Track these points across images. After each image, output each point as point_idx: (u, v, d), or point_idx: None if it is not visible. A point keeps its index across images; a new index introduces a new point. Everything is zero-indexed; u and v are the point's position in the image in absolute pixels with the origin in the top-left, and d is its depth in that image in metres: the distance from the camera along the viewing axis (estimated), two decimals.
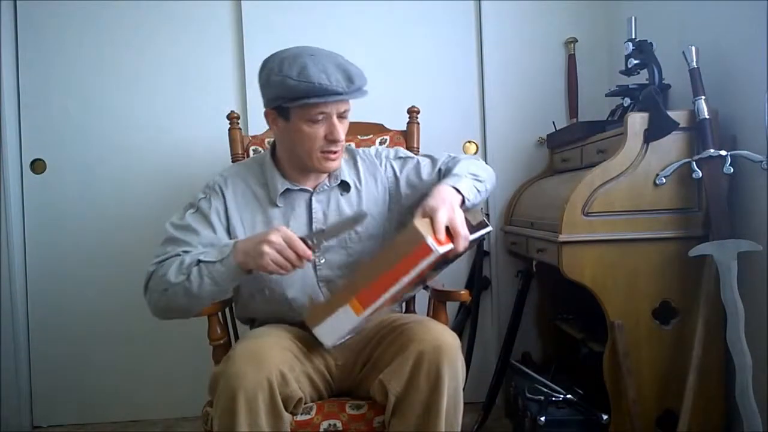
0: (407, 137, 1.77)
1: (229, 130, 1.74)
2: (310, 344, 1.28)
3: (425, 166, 1.38)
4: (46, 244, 2.16)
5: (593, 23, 2.17)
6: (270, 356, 1.09)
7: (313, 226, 1.29)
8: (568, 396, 1.65)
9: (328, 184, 1.32)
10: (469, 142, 2.20)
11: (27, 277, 2.16)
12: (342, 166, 1.33)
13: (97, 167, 2.16)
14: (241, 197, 1.31)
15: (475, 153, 2.20)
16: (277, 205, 1.30)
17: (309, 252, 1.12)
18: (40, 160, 2.16)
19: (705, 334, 1.45)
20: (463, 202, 1.19)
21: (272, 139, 1.75)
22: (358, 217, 1.20)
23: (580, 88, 2.14)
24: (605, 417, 1.53)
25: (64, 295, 2.16)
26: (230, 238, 1.27)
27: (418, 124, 1.77)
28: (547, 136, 2.10)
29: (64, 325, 2.16)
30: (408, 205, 1.36)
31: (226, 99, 2.15)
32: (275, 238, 1.11)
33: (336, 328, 1.12)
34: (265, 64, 1.24)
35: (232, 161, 1.74)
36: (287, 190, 1.30)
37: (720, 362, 1.50)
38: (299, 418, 1.18)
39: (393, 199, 1.37)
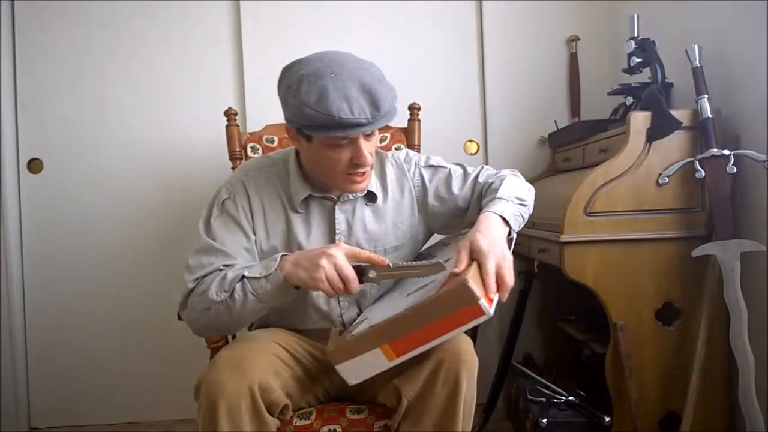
0: (408, 135, 1.76)
1: (226, 127, 1.72)
2: (306, 351, 1.26)
3: (457, 178, 1.29)
4: (43, 244, 2.14)
5: (595, 21, 2.16)
6: (253, 364, 1.07)
7: (337, 238, 1.22)
8: (570, 398, 1.64)
9: (353, 194, 1.24)
10: (470, 140, 2.19)
11: (24, 278, 2.15)
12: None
13: (94, 166, 2.14)
14: (266, 197, 1.22)
15: (476, 152, 2.18)
16: (298, 212, 1.23)
17: (354, 286, 1.03)
18: (37, 159, 2.14)
19: (708, 335, 1.44)
20: (509, 233, 1.13)
21: (271, 137, 1.75)
22: (432, 267, 1.04)
23: (582, 87, 2.13)
24: (607, 419, 1.52)
25: (62, 295, 2.14)
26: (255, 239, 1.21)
27: (420, 121, 1.76)
28: (549, 135, 2.08)
29: (61, 326, 2.15)
30: (435, 212, 1.30)
31: (224, 97, 2.13)
32: (336, 252, 1.04)
33: (362, 369, 1.05)
34: (284, 75, 1.13)
35: (230, 159, 1.73)
36: (310, 196, 1.22)
37: (723, 363, 1.49)
38: (298, 423, 1.17)
39: (419, 208, 1.30)
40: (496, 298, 1.00)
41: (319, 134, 1.08)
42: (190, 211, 2.10)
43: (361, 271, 1.05)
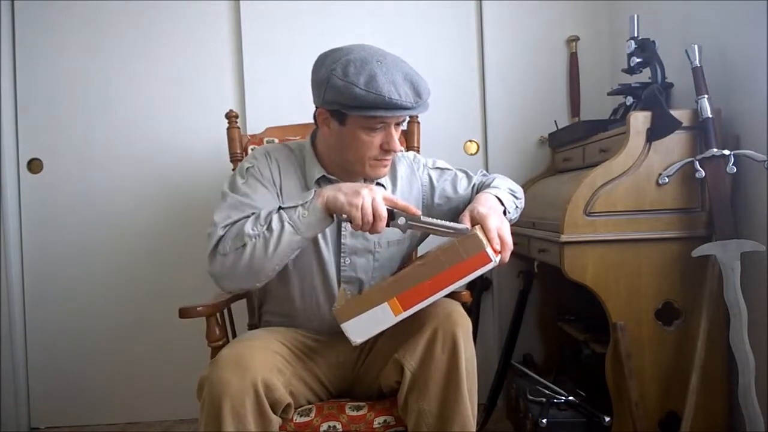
0: (408, 137, 1.76)
1: (227, 129, 1.72)
2: (307, 347, 1.27)
3: (461, 179, 1.37)
4: (42, 244, 2.15)
5: (595, 21, 2.16)
6: (255, 362, 1.08)
7: (342, 224, 1.25)
8: (570, 398, 1.64)
9: (363, 183, 1.27)
10: (470, 141, 2.19)
11: (24, 278, 2.15)
12: None
13: (94, 167, 2.14)
14: (285, 172, 1.27)
15: (476, 152, 2.18)
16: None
17: (381, 224, 1.08)
18: (36, 159, 2.14)
19: (708, 335, 1.44)
20: (504, 213, 1.19)
21: (272, 139, 1.75)
22: (457, 231, 1.09)
23: (582, 87, 2.13)
24: (607, 419, 1.52)
25: (62, 295, 2.15)
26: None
27: (419, 123, 1.76)
28: (549, 135, 2.08)
29: (61, 326, 2.15)
30: (440, 212, 1.35)
31: (224, 98, 2.14)
32: (378, 189, 1.10)
33: (368, 325, 1.08)
34: (323, 61, 1.17)
35: (231, 161, 1.73)
36: (323, 177, 1.26)
37: (723, 363, 1.49)
38: (298, 419, 1.18)
39: (426, 206, 1.36)
40: (498, 258, 1.07)
41: (365, 113, 1.11)
42: (191, 212, 2.11)
43: (392, 216, 1.10)
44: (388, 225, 1.09)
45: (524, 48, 2.16)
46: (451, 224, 1.11)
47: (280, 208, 1.11)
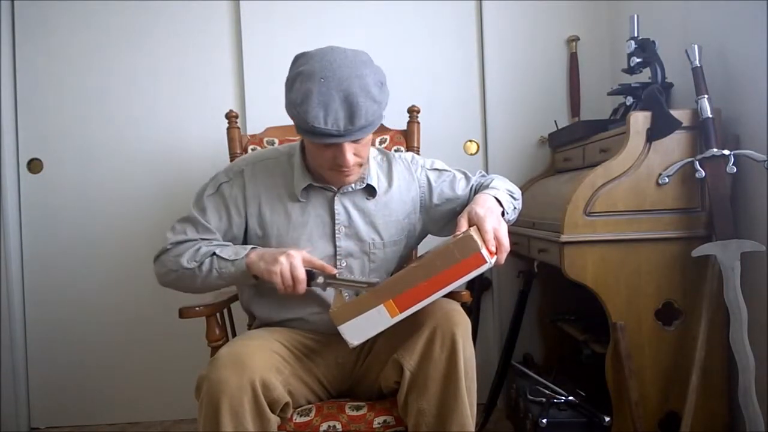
0: (407, 137, 1.76)
1: (227, 129, 1.72)
2: (306, 347, 1.27)
3: (460, 180, 1.35)
4: (42, 243, 2.15)
5: (595, 21, 2.16)
6: (254, 361, 1.08)
7: (337, 227, 1.26)
8: (570, 398, 1.64)
9: (353, 186, 1.27)
10: (470, 141, 2.19)
11: (24, 277, 2.15)
12: (373, 169, 1.29)
13: (94, 166, 2.14)
14: (263, 188, 1.27)
15: (476, 152, 2.18)
16: (299, 200, 1.26)
17: (302, 287, 1.13)
18: (36, 159, 2.15)
19: (708, 335, 1.44)
20: (502, 215, 1.19)
21: (272, 139, 1.76)
22: (370, 285, 1.13)
23: (582, 87, 2.13)
24: (607, 419, 1.52)
25: (62, 295, 2.15)
26: (245, 227, 1.28)
27: (419, 123, 1.76)
28: (549, 135, 2.08)
29: (61, 326, 2.15)
30: (438, 213, 1.35)
31: (224, 98, 2.14)
32: (295, 254, 1.14)
33: (365, 327, 1.09)
34: (291, 65, 1.16)
35: (231, 160, 1.73)
36: (310, 185, 1.26)
37: (723, 363, 1.49)
38: (298, 419, 1.18)
39: (423, 208, 1.35)
40: (494, 259, 1.07)
41: (299, 133, 1.15)
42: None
43: (311, 276, 1.16)
44: (309, 285, 1.15)
45: (524, 48, 2.16)
46: (364, 279, 1.20)
47: (213, 253, 1.18)
